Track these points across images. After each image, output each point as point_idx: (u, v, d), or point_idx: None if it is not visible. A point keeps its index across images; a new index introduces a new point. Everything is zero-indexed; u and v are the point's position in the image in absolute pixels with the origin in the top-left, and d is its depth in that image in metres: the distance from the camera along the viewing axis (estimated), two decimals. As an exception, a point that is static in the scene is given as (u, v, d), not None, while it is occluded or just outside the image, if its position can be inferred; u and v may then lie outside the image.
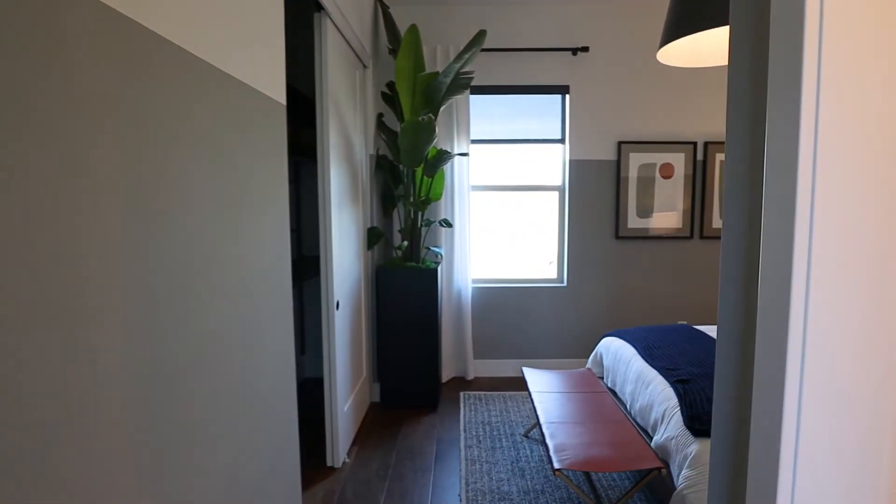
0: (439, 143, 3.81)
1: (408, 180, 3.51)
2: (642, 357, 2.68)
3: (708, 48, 2.35)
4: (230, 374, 1.40)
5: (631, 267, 4.10)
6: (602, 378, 3.19)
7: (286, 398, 1.87)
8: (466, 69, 3.47)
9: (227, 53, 1.38)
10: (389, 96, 3.66)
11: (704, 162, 4.02)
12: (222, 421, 1.36)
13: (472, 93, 3.91)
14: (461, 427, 3.20)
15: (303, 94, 3.60)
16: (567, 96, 3.99)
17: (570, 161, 4.01)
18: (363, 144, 3.38)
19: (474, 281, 4.14)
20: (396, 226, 3.86)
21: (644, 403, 2.42)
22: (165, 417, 1.11)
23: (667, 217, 4.05)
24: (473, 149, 4.06)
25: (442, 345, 3.91)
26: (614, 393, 2.96)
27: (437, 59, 3.76)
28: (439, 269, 3.63)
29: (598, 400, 2.63)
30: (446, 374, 4.01)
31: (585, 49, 3.87)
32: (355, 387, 3.15)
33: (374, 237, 3.46)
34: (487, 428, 3.18)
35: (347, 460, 2.80)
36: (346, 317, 2.90)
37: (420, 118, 3.10)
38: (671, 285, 4.13)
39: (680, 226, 4.06)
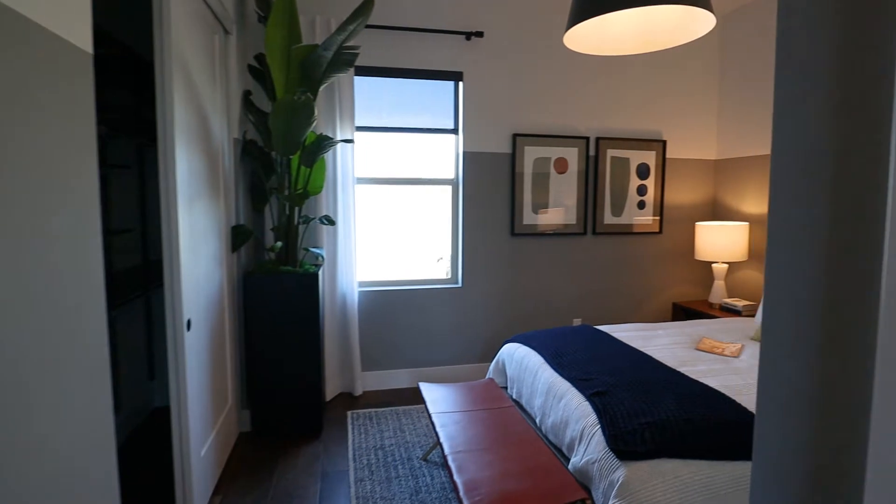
0: (319, 127, 3.33)
1: (282, 170, 2.99)
2: (551, 366, 2.46)
3: (618, 32, 2.17)
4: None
5: (527, 265, 3.93)
6: (505, 388, 2.94)
7: (101, 458, 1.33)
8: (350, 43, 3.03)
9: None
10: (259, 70, 3.11)
11: (596, 157, 3.96)
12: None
13: (357, 73, 3.47)
14: (350, 455, 2.77)
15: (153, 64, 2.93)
16: (460, 84, 3.71)
17: (464, 153, 3.74)
18: (225, 126, 2.80)
19: (361, 284, 3.71)
20: (269, 224, 3.30)
21: (557, 420, 2.18)
22: None
23: (560, 213, 3.94)
24: (359, 137, 3.62)
25: (325, 358, 3.43)
26: (520, 405, 2.72)
27: (317, 31, 3.27)
28: (320, 272, 3.16)
29: (505, 417, 2.35)
30: (331, 390, 3.54)
31: (480, 34, 3.60)
32: (218, 418, 2.59)
33: (240, 237, 2.89)
34: (381, 453, 2.78)
35: (206, 515, 2.25)
36: (202, 336, 2.34)
37: (296, 97, 2.62)
38: (567, 283, 4.02)
39: (574, 222, 3.97)
